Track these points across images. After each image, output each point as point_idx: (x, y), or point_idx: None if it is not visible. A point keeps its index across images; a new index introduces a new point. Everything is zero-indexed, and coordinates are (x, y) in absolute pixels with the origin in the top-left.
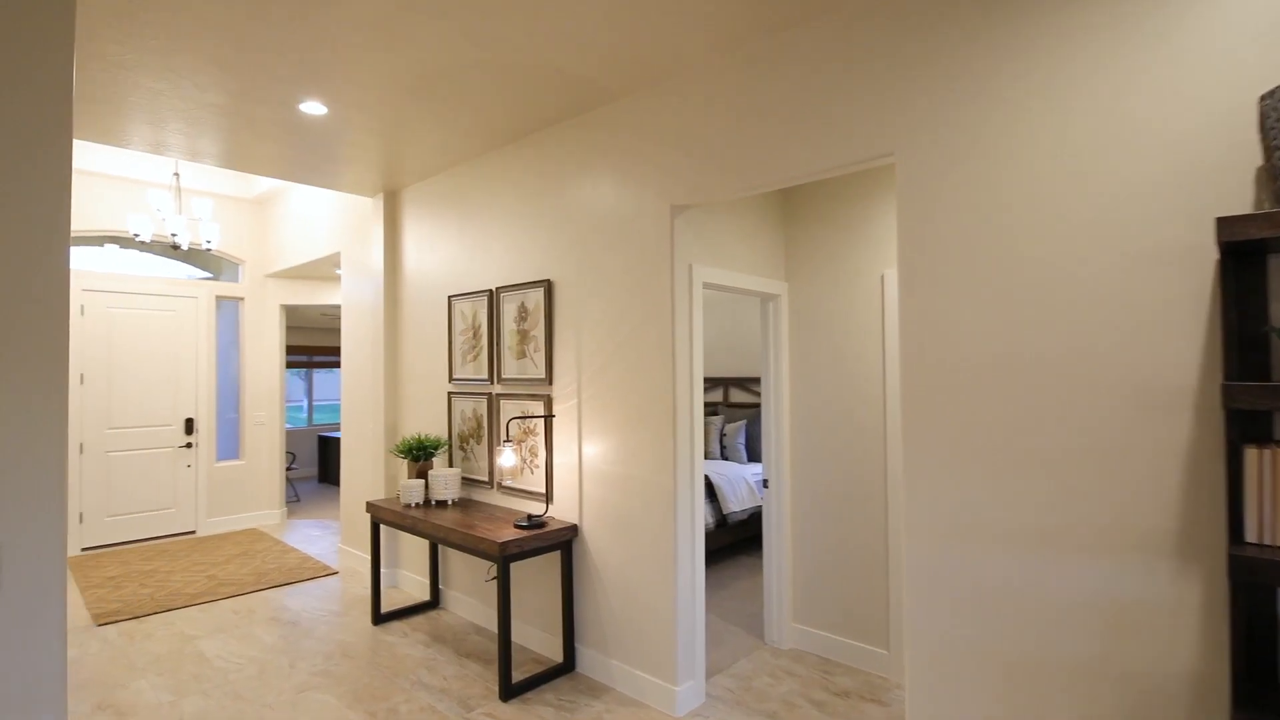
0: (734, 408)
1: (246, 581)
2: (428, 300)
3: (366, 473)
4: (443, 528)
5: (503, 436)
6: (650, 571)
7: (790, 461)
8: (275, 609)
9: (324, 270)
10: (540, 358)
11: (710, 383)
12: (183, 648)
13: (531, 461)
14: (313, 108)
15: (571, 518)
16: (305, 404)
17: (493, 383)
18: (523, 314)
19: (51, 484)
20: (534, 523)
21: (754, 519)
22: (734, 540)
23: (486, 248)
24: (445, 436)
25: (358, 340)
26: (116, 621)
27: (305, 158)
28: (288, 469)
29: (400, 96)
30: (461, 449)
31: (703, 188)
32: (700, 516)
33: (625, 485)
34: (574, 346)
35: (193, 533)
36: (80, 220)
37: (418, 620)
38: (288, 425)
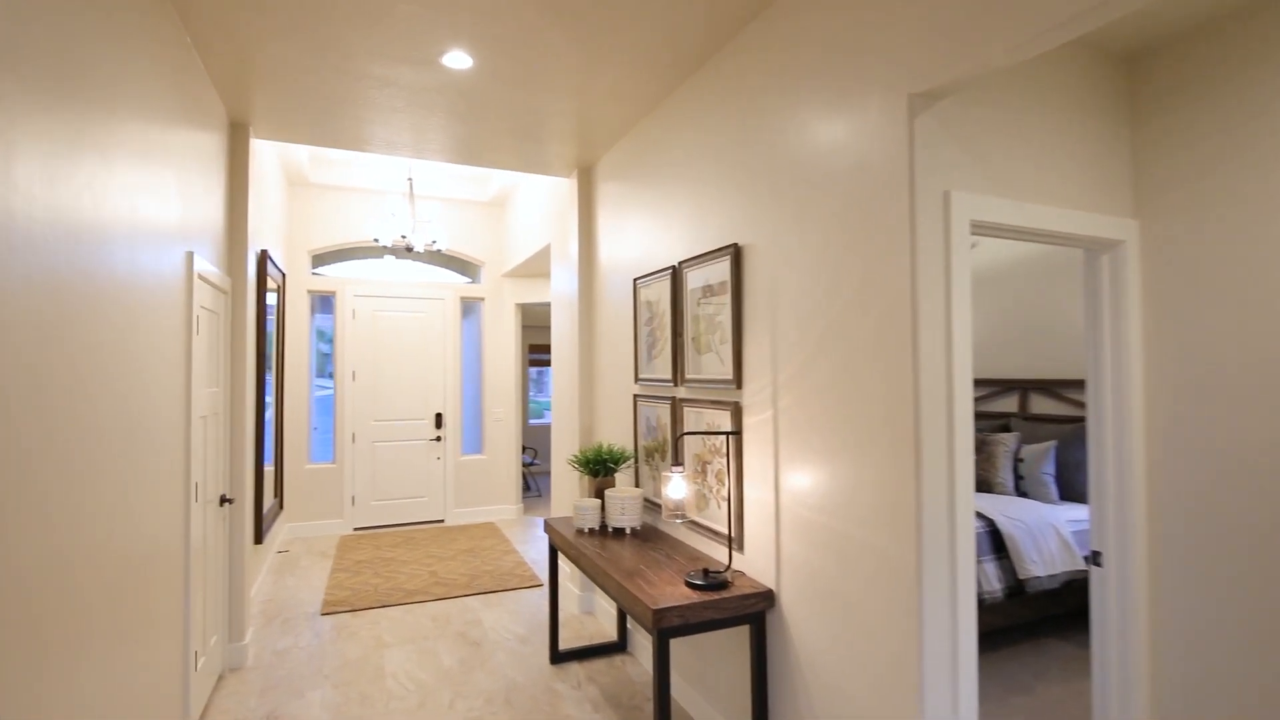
0: (1035, 422)
1: (458, 583)
2: (617, 287)
3: (564, 478)
4: (600, 569)
5: (673, 458)
6: (882, 687)
7: (1147, 522)
8: (468, 622)
9: (547, 267)
10: (726, 351)
11: (998, 386)
12: (371, 656)
13: (718, 492)
14: (456, 59)
15: (766, 578)
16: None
17: (675, 384)
18: (707, 293)
19: None
20: (712, 581)
21: (1071, 588)
22: (1036, 617)
23: (669, 215)
24: (631, 448)
25: (561, 336)
26: (337, 613)
27: (487, 135)
28: (529, 464)
29: (536, 19)
30: (648, 463)
31: (962, 49)
32: (969, 612)
33: (839, 547)
34: (768, 335)
35: (441, 522)
36: (349, 233)
37: (598, 666)
38: (542, 420)
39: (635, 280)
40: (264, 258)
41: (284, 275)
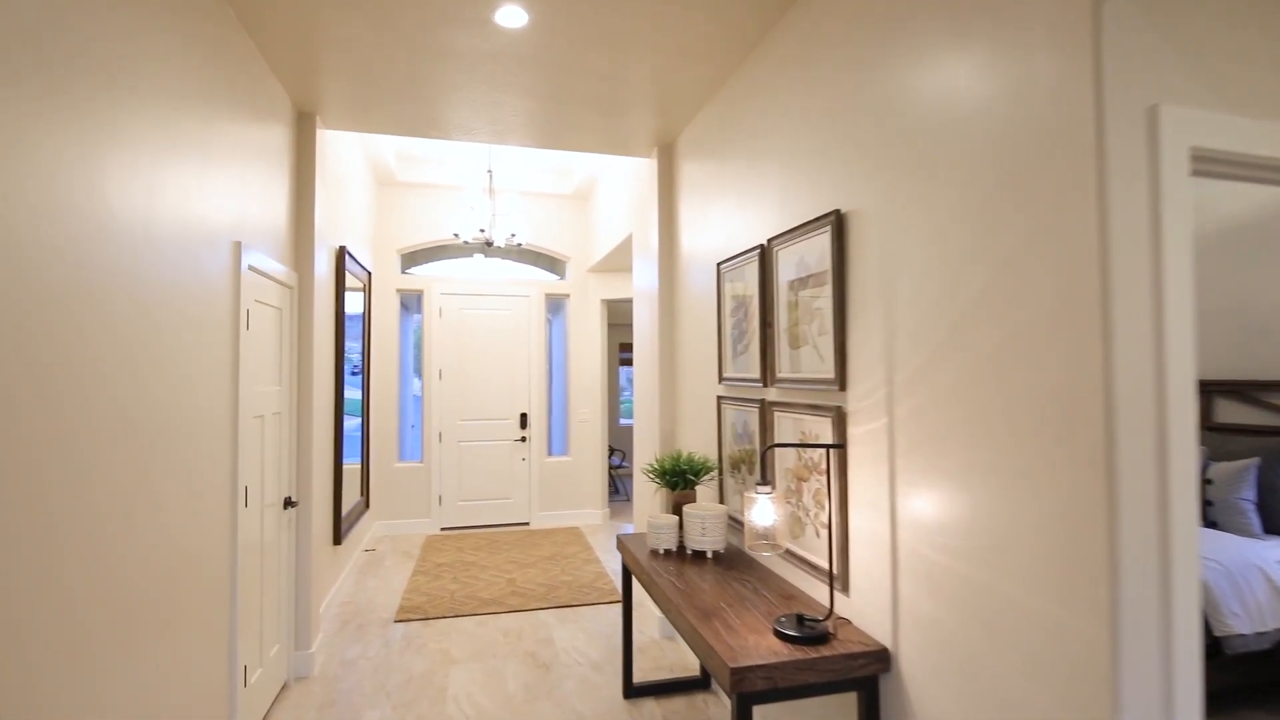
0: (1226, 434)
1: (535, 594)
2: (699, 278)
3: (646, 484)
4: (673, 604)
5: (760, 475)
6: None
7: None
8: (540, 640)
9: (631, 260)
10: (826, 344)
11: None
12: (436, 672)
13: (816, 517)
14: (510, 16)
15: (879, 632)
16: None
17: (765, 384)
18: (802, 276)
19: None
20: (808, 631)
21: None
22: (1237, 684)
23: (757, 188)
24: (715, 457)
25: (642, 333)
26: (409, 620)
27: (559, 110)
28: (616, 466)
29: None
30: (734, 475)
31: None
32: None
33: (982, 606)
34: (880, 323)
35: (526, 524)
36: (435, 231)
37: (676, 705)
38: (633, 421)
39: (719, 265)
40: (342, 254)
41: (369, 274)
